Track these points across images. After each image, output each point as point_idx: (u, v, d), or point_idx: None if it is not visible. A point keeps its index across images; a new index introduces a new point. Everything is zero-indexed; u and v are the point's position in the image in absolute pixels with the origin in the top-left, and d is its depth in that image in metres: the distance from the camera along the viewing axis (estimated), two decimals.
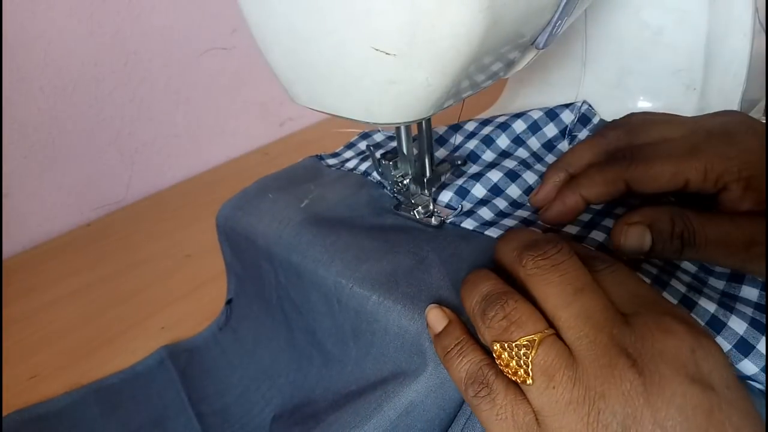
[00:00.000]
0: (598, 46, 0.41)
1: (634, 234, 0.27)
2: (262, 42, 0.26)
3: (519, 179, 0.35)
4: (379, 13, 0.21)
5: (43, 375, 0.41)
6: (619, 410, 0.19)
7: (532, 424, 0.21)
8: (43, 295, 0.49)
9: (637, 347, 0.20)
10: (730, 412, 0.19)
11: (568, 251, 0.23)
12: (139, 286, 0.49)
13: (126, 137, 0.60)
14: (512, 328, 0.22)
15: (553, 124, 0.39)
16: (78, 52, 0.53)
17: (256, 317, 0.39)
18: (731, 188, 0.27)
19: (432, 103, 0.25)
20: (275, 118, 0.72)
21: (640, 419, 0.19)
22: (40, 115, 0.53)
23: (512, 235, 0.25)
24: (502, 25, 0.22)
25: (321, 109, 0.27)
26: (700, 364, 0.20)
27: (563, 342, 0.21)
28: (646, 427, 0.19)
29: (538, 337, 0.21)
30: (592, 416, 0.20)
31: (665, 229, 0.27)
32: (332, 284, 0.30)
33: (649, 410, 0.19)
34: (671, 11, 0.37)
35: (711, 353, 0.20)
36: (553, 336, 0.21)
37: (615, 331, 0.21)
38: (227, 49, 0.63)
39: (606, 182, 0.29)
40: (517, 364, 0.21)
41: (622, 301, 0.22)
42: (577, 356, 0.21)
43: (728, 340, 0.24)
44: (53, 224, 0.58)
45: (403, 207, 0.34)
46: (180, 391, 0.38)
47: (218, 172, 0.67)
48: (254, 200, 0.38)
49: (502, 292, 0.23)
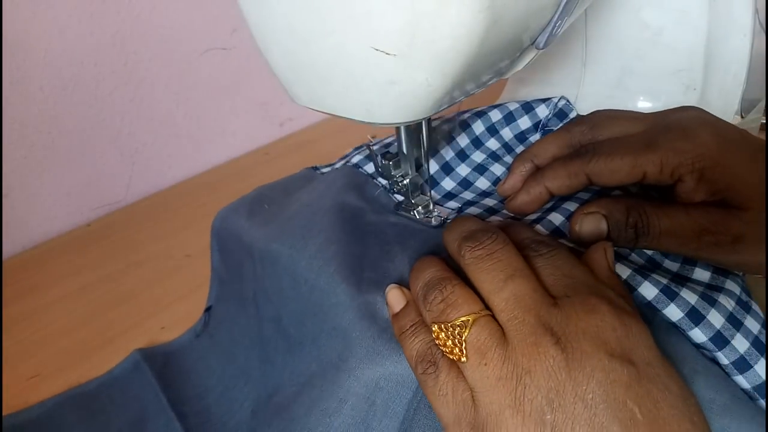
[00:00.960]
0: (598, 46, 0.41)
1: (591, 222, 0.29)
2: (262, 42, 0.26)
3: (487, 172, 0.37)
4: (379, 13, 0.21)
5: (43, 375, 0.41)
6: (543, 385, 0.21)
7: (468, 401, 0.22)
8: (43, 295, 0.49)
9: (562, 326, 0.22)
10: (650, 387, 0.20)
11: (502, 240, 0.25)
12: (139, 286, 0.49)
13: (126, 137, 0.60)
14: (449, 309, 0.24)
15: (527, 117, 0.40)
16: (78, 52, 0.53)
17: (233, 319, 0.40)
18: (685, 180, 0.29)
19: (432, 103, 0.25)
20: (275, 118, 0.72)
21: (563, 392, 0.20)
22: (40, 115, 0.53)
23: (454, 226, 0.27)
24: (502, 25, 0.22)
25: (321, 109, 0.27)
26: (622, 341, 0.21)
27: (498, 324, 0.23)
28: (568, 400, 0.20)
29: (472, 318, 0.23)
30: (519, 391, 0.21)
31: (620, 219, 0.28)
32: (305, 266, 0.31)
33: (571, 384, 0.20)
34: (671, 11, 0.37)
35: (633, 332, 0.22)
36: (487, 317, 0.23)
37: (542, 312, 0.22)
38: (227, 49, 0.63)
39: (569, 175, 0.31)
40: (453, 343, 0.23)
41: (555, 283, 0.24)
42: (508, 336, 0.22)
43: (681, 308, 0.26)
44: (53, 224, 0.58)
45: (403, 207, 0.34)
46: (158, 393, 0.38)
47: (218, 172, 0.67)
48: (249, 206, 0.39)
49: (442, 278, 0.25)
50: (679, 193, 0.29)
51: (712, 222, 0.27)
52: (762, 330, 0.26)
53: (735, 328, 0.26)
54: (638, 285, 0.26)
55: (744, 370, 0.25)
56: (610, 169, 0.30)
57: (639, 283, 0.27)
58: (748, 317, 0.27)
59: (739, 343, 0.25)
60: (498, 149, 0.39)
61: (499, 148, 0.39)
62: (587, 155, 0.31)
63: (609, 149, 0.30)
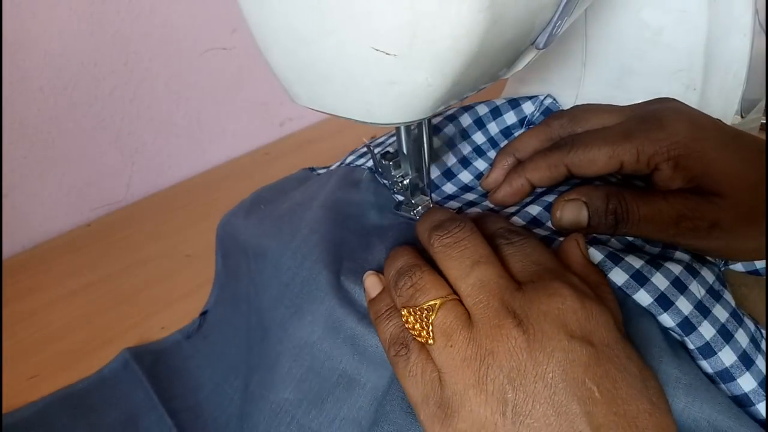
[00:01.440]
0: (598, 46, 0.41)
1: (571, 209, 0.30)
2: (262, 42, 0.26)
3: (471, 166, 0.38)
4: (379, 13, 0.21)
5: (43, 375, 0.41)
6: (505, 365, 0.21)
7: (436, 381, 0.23)
8: (43, 295, 0.49)
9: (525, 309, 0.22)
10: (608, 367, 0.21)
11: (469, 228, 0.26)
12: (139, 286, 0.49)
13: (126, 137, 0.60)
14: (417, 294, 0.25)
15: (513, 112, 0.40)
16: (78, 52, 0.53)
17: (228, 320, 0.40)
18: (662, 168, 0.29)
19: (432, 103, 0.25)
20: (275, 118, 0.72)
21: (524, 372, 0.21)
22: (40, 115, 0.53)
23: (425, 217, 0.28)
24: (502, 25, 0.22)
25: (321, 109, 0.27)
26: (582, 324, 0.22)
27: (464, 308, 0.24)
28: (529, 379, 0.21)
29: (439, 302, 0.24)
30: (482, 371, 0.22)
31: (600, 206, 0.29)
32: (289, 256, 0.32)
33: (532, 364, 0.21)
34: (671, 11, 0.37)
35: (593, 315, 0.22)
36: (453, 301, 0.24)
37: (506, 297, 0.23)
38: (227, 49, 0.63)
39: (549, 167, 0.32)
40: (421, 326, 0.24)
41: (522, 270, 0.24)
42: (473, 319, 0.23)
43: (650, 294, 0.27)
44: (53, 224, 0.58)
45: (403, 207, 0.34)
46: (149, 391, 0.38)
47: (218, 172, 0.67)
48: (247, 208, 0.40)
49: (413, 264, 0.26)
50: (657, 182, 0.30)
51: (689, 208, 0.28)
52: (730, 318, 0.27)
53: (702, 315, 0.27)
54: (608, 271, 0.27)
55: (708, 356, 0.26)
56: (588, 159, 0.31)
57: (609, 269, 0.27)
58: (717, 306, 0.28)
59: (705, 330, 0.26)
60: (483, 143, 0.39)
61: (484, 142, 0.39)
62: (566, 147, 0.31)
63: (587, 140, 0.31)
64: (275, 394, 0.30)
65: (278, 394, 0.30)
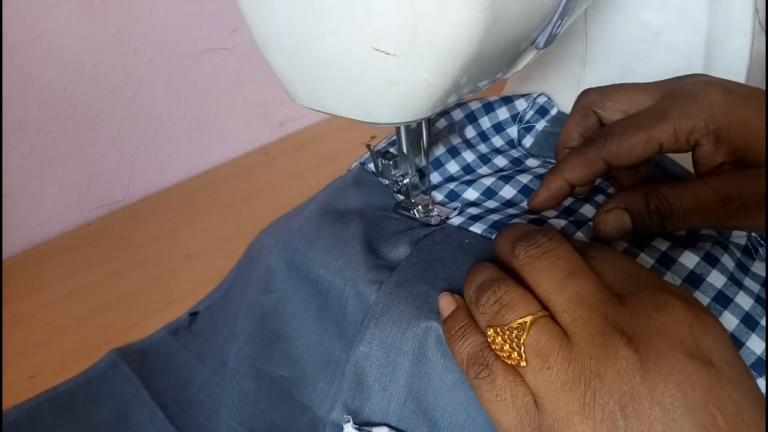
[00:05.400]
0: (598, 46, 0.41)
1: (613, 219, 0.28)
2: (262, 42, 0.26)
3: (458, 156, 0.37)
4: (379, 13, 0.21)
5: (43, 375, 0.41)
6: (615, 389, 0.19)
7: (531, 406, 0.21)
8: (43, 295, 0.49)
9: (632, 325, 0.20)
10: (731, 389, 0.19)
11: (559, 238, 0.23)
12: (139, 286, 0.49)
13: (126, 137, 0.60)
14: (503, 311, 0.22)
15: (506, 108, 0.40)
16: (78, 52, 0.53)
17: (223, 319, 0.41)
18: (703, 143, 0.28)
19: (432, 103, 0.25)
20: (275, 118, 0.72)
21: (638, 397, 0.19)
22: (40, 115, 0.53)
23: (507, 230, 0.26)
24: (502, 25, 0.22)
25: (321, 109, 0.27)
26: (699, 340, 0.20)
27: (559, 325, 0.21)
28: (644, 405, 0.19)
29: (529, 320, 0.21)
30: (588, 396, 0.20)
31: (641, 208, 0.28)
32: (280, 249, 0.33)
33: (647, 387, 0.19)
34: (671, 11, 0.37)
35: (710, 329, 0.20)
36: (546, 318, 0.22)
37: (609, 311, 0.21)
38: (227, 49, 0.63)
39: (586, 164, 0.30)
40: (510, 348, 0.22)
41: (617, 282, 0.22)
42: (572, 337, 0.21)
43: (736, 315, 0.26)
44: (53, 224, 0.58)
45: (403, 206, 0.34)
46: (139, 388, 0.39)
47: (218, 172, 0.66)
48: (276, 224, 0.40)
49: (495, 279, 0.24)
50: (699, 159, 0.29)
51: (733, 188, 0.27)
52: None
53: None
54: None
55: None
56: (625, 148, 0.29)
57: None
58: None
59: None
60: (473, 137, 0.39)
61: (474, 136, 0.39)
62: (600, 140, 0.30)
63: (620, 130, 0.30)
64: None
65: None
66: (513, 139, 0.40)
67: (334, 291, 0.30)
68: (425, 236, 0.31)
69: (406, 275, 0.29)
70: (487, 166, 0.38)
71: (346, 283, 0.30)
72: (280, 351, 0.34)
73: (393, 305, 0.28)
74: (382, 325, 0.27)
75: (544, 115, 0.40)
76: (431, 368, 0.27)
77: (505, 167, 0.38)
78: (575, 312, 0.21)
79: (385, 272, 0.29)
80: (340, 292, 0.30)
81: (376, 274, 0.29)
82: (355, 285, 0.29)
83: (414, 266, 0.29)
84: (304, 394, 0.33)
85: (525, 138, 0.40)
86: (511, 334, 0.22)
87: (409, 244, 0.30)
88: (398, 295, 0.28)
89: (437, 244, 0.30)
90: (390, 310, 0.27)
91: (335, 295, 0.30)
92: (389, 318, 0.27)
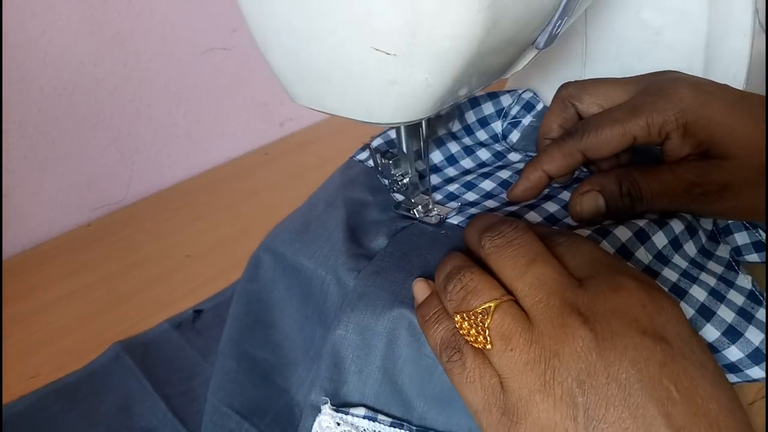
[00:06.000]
0: (598, 46, 0.41)
1: (588, 200, 0.30)
2: (262, 42, 0.26)
3: (443, 147, 0.38)
4: (379, 13, 0.21)
5: (43, 375, 0.41)
6: (573, 366, 0.20)
7: (497, 386, 0.22)
8: (43, 295, 0.49)
9: (589, 306, 0.21)
10: (685, 364, 0.20)
11: (522, 227, 0.24)
12: (139, 287, 0.49)
13: (126, 137, 0.60)
14: (469, 297, 0.23)
15: (491, 103, 0.41)
16: (78, 52, 0.53)
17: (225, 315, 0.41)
18: (672, 137, 0.30)
19: (432, 103, 0.25)
20: (275, 118, 0.72)
21: (595, 374, 0.20)
22: (40, 115, 0.53)
23: (475, 221, 0.27)
24: (502, 25, 0.22)
25: (321, 109, 0.27)
26: (653, 318, 0.21)
27: (521, 309, 0.22)
28: (601, 381, 0.20)
29: (493, 304, 0.22)
30: (548, 374, 0.20)
31: (614, 190, 0.30)
32: (269, 241, 0.34)
33: (603, 364, 0.20)
34: (671, 11, 0.37)
35: (664, 307, 0.21)
36: (509, 302, 0.23)
37: (568, 294, 0.22)
38: (227, 49, 0.63)
39: (564, 156, 0.32)
40: (476, 332, 0.23)
41: (578, 267, 0.23)
42: (533, 320, 0.22)
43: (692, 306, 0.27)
44: (53, 224, 0.58)
45: (402, 206, 0.34)
46: (142, 380, 0.39)
47: (218, 172, 0.67)
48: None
49: (461, 266, 0.25)
50: (667, 151, 0.31)
51: (697, 175, 0.29)
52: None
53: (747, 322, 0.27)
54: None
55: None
56: (602, 141, 0.31)
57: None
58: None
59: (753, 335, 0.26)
60: (458, 131, 0.40)
61: (459, 130, 0.40)
62: (578, 133, 0.32)
63: (597, 124, 0.31)
64: None
65: None
66: (497, 133, 0.40)
67: (317, 279, 0.31)
68: (403, 228, 0.32)
69: (383, 264, 0.30)
70: (470, 158, 0.38)
71: (327, 272, 0.31)
72: (263, 334, 0.35)
73: (370, 291, 0.28)
74: (358, 309, 0.28)
75: (530, 110, 0.41)
76: (405, 350, 0.27)
77: (488, 160, 0.38)
78: (536, 296, 0.22)
79: (364, 261, 0.30)
80: (321, 281, 0.31)
81: (355, 262, 0.30)
82: (336, 273, 0.30)
83: (391, 256, 0.30)
84: (283, 377, 0.34)
85: (512, 133, 0.40)
86: (476, 319, 0.23)
87: (387, 236, 0.31)
88: (375, 282, 0.29)
89: (414, 236, 0.31)
90: (366, 296, 0.28)
91: (317, 284, 0.31)
92: (365, 303, 0.28)
